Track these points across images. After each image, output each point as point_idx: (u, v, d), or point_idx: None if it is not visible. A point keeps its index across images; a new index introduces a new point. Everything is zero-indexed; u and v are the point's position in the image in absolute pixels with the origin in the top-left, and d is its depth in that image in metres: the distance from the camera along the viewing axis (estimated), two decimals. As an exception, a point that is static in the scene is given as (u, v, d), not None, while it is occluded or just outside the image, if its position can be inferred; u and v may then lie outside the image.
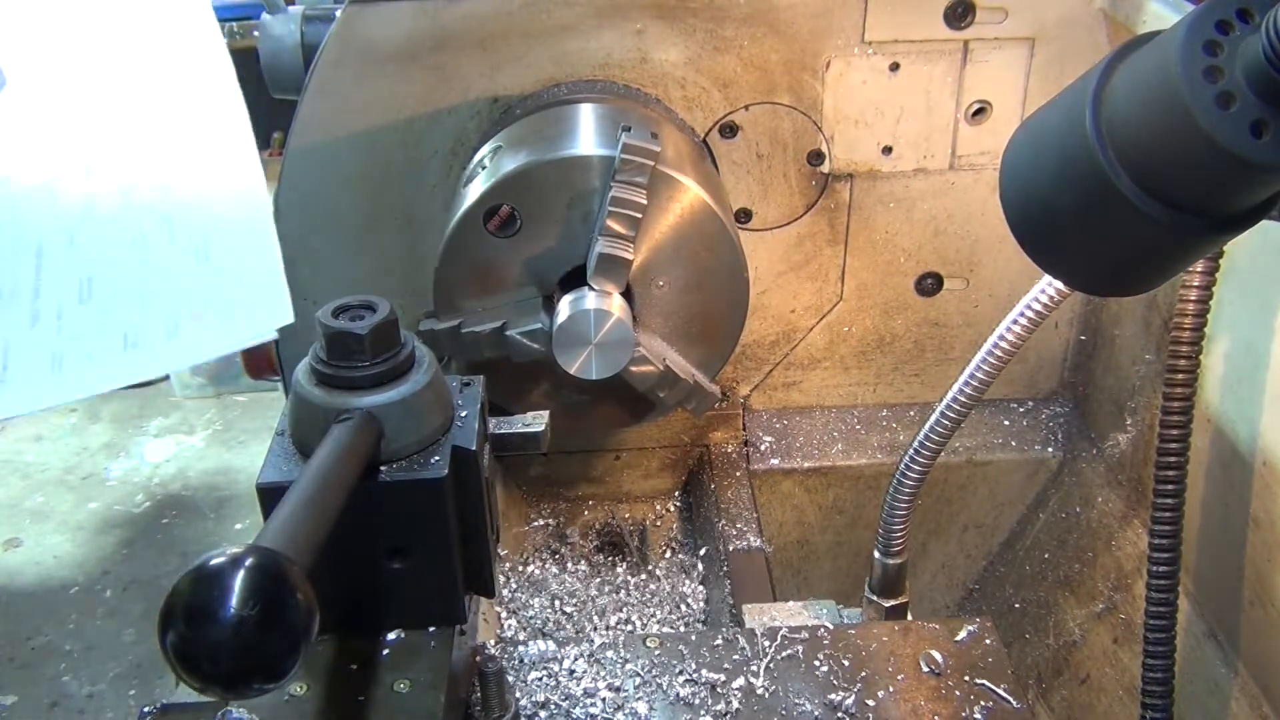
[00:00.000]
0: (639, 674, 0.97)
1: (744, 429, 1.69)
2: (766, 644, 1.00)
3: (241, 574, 0.54)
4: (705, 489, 1.62)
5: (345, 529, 0.68)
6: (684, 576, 1.54)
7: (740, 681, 0.96)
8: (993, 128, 1.50)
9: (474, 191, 1.26)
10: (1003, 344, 1.16)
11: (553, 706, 0.95)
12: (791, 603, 1.30)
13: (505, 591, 1.52)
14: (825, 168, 1.53)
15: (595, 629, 1.45)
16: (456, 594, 0.85)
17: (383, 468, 0.80)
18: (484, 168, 1.30)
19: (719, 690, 0.96)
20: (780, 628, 1.02)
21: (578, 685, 0.96)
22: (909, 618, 1.35)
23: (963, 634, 1.01)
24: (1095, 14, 1.44)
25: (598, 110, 1.34)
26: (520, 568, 1.57)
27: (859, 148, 1.52)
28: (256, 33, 1.57)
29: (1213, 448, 1.27)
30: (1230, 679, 1.27)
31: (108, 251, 1.02)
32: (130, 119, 1.14)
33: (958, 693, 0.95)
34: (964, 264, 1.61)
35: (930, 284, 1.62)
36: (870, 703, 0.94)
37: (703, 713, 0.93)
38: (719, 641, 1.01)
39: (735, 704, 0.94)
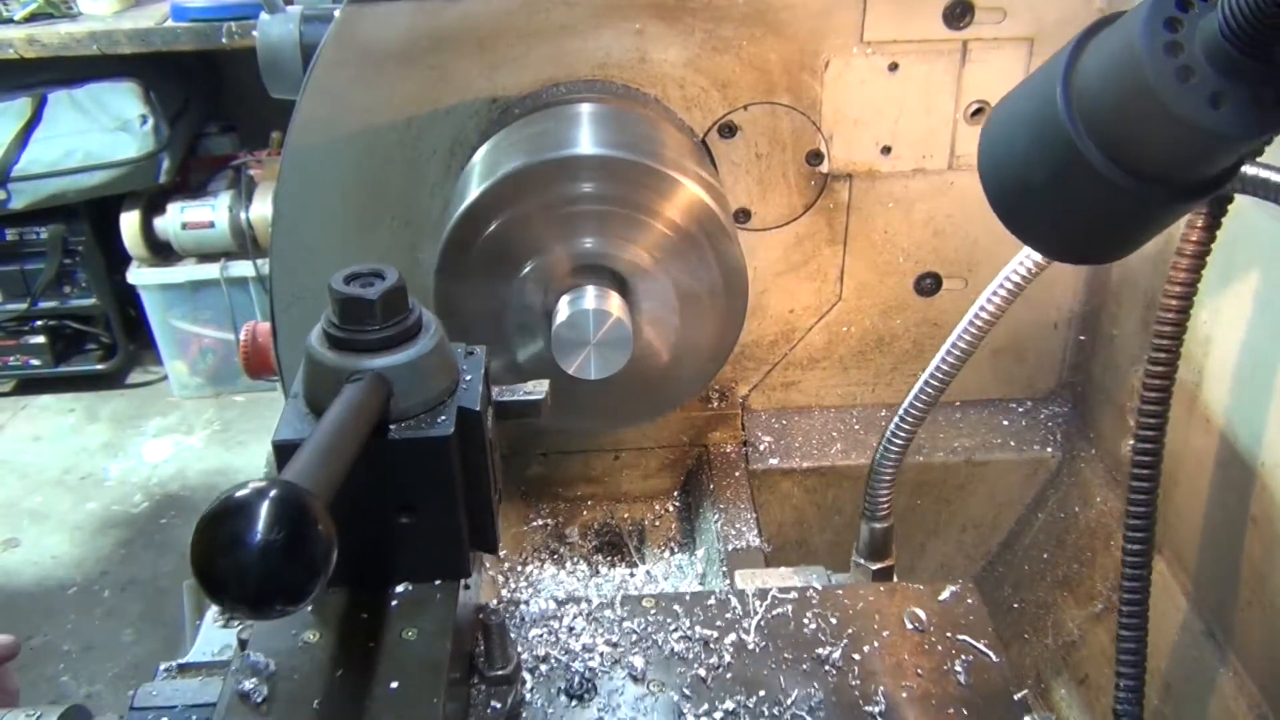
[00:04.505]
0: (635, 631, 1.01)
1: (743, 429, 1.69)
2: (757, 603, 1.04)
3: (267, 503, 0.58)
4: (704, 489, 1.62)
5: (357, 486, 0.72)
6: (683, 576, 1.54)
7: (732, 637, 1.00)
8: (992, 128, 1.50)
9: (472, 191, 1.26)
10: (989, 307, 1.24)
11: (553, 660, 0.98)
12: (783, 568, 1.33)
13: (505, 591, 1.52)
14: (824, 168, 1.53)
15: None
16: (461, 548, 0.89)
17: (392, 426, 0.84)
18: (483, 168, 1.30)
19: (711, 645, 0.99)
20: (771, 589, 1.05)
21: (577, 641, 1.00)
22: (894, 580, 1.37)
23: (945, 594, 1.05)
24: (1094, 14, 1.44)
25: (596, 110, 1.35)
26: (519, 568, 1.57)
27: (858, 148, 1.52)
28: (256, 33, 1.57)
29: (1213, 448, 1.28)
30: (1228, 678, 1.27)
31: None
32: None
33: (940, 647, 0.99)
34: (963, 264, 1.61)
35: (929, 284, 1.62)
36: (856, 656, 0.98)
37: (696, 665, 0.97)
38: (712, 601, 1.04)
39: (727, 658, 0.98)
